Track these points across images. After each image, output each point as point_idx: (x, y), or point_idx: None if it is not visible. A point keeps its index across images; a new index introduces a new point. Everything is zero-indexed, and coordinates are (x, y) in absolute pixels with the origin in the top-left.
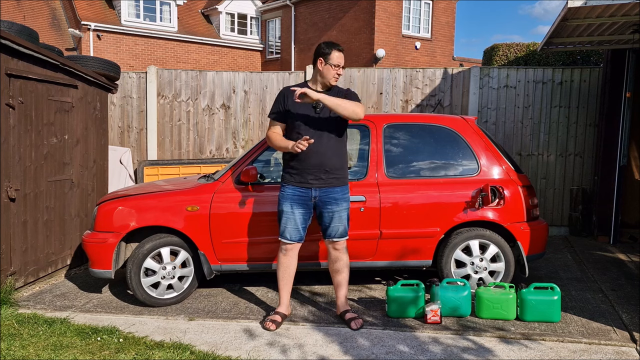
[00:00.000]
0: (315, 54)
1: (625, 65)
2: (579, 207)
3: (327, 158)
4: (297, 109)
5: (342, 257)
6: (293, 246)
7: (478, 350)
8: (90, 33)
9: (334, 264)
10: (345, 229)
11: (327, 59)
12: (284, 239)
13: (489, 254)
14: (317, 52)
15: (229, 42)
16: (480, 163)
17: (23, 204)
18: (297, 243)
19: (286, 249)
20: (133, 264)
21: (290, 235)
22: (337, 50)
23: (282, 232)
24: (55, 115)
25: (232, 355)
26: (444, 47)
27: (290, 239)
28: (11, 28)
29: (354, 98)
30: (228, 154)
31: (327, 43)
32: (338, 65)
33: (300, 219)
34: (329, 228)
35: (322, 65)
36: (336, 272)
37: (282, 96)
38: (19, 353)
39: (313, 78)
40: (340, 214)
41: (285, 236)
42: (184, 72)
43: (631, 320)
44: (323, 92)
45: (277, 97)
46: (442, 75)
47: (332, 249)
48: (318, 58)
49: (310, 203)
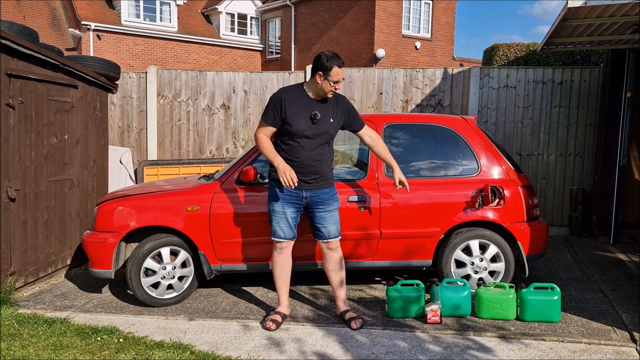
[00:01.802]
0: (315, 65)
1: (625, 65)
2: (579, 207)
3: (320, 164)
4: (294, 116)
5: (335, 257)
6: (288, 244)
7: (478, 350)
8: (90, 33)
9: (328, 264)
10: (337, 228)
11: (326, 75)
12: (278, 238)
13: (489, 254)
14: (317, 63)
15: (229, 42)
16: (480, 163)
17: (23, 204)
18: (291, 241)
19: (281, 247)
20: (133, 264)
21: (284, 233)
22: (337, 67)
23: (274, 232)
24: (55, 115)
25: (232, 355)
26: (444, 47)
27: (284, 237)
28: (11, 28)
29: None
30: (228, 154)
31: (328, 56)
32: (337, 81)
33: (292, 217)
34: (322, 229)
35: (321, 79)
36: (332, 271)
37: (279, 102)
38: (19, 353)
39: (310, 84)
40: (332, 214)
41: (279, 235)
42: (184, 72)
43: (631, 320)
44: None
45: (273, 101)
46: (442, 75)
47: (326, 249)
48: (317, 71)
49: (301, 203)
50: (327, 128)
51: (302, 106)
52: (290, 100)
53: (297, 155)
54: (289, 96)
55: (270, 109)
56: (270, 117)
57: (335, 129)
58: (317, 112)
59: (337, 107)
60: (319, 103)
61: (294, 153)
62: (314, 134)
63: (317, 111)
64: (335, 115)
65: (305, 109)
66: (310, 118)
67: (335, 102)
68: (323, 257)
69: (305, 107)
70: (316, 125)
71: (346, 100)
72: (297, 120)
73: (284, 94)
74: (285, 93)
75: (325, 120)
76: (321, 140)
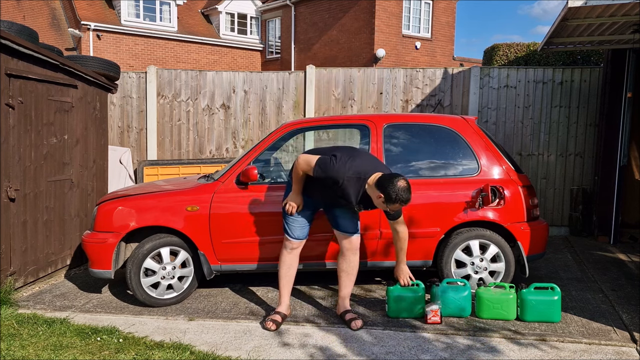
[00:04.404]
0: (382, 185)
1: (625, 65)
2: (579, 207)
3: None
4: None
5: (353, 259)
6: (299, 244)
7: (478, 350)
8: (90, 33)
9: (343, 264)
10: (356, 224)
11: (387, 203)
12: (291, 238)
13: (489, 254)
14: (385, 185)
15: (229, 42)
16: (480, 163)
17: (23, 204)
18: (303, 241)
19: (292, 247)
20: (133, 264)
21: (297, 233)
22: (399, 204)
23: (291, 231)
24: (55, 115)
25: (232, 355)
26: (444, 47)
27: (296, 237)
28: (11, 28)
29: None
30: (228, 154)
31: (399, 189)
32: (392, 211)
33: (307, 218)
34: (339, 224)
35: (379, 200)
36: (345, 272)
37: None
38: (18, 353)
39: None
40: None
41: (292, 235)
42: (184, 72)
43: (631, 321)
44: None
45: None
46: (442, 75)
47: (345, 247)
48: (381, 192)
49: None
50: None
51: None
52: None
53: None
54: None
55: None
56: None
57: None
58: (362, 206)
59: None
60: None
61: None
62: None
63: (362, 205)
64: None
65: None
66: (353, 207)
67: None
68: (340, 255)
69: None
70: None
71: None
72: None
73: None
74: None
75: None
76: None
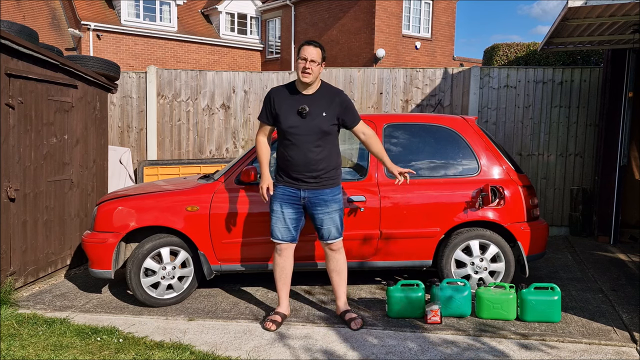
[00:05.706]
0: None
1: (625, 65)
2: (579, 207)
3: (317, 163)
4: (284, 113)
5: (338, 257)
6: (287, 246)
7: (478, 350)
8: (90, 33)
9: (330, 264)
10: (338, 230)
11: (298, 55)
12: (275, 239)
13: (489, 254)
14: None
15: (229, 42)
16: (480, 163)
17: (23, 204)
18: (290, 243)
19: (280, 249)
20: (133, 264)
21: (281, 234)
22: (306, 44)
23: (272, 232)
24: (55, 115)
25: (232, 356)
26: (444, 47)
27: (281, 238)
28: (11, 28)
29: (351, 107)
30: (228, 154)
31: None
32: (305, 58)
33: (290, 218)
34: (321, 230)
35: (297, 62)
36: (334, 272)
37: (269, 99)
38: (18, 353)
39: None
40: (331, 216)
41: (276, 236)
42: (184, 72)
43: (631, 321)
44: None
45: (265, 100)
46: (442, 75)
47: (328, 250)
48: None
49: (299, 203)
50: (318, 123)
51: (292, 101)
52: (279, 96)
53: (291, 154)
54: (279, 92)
55: (263, 107)
56: (263, 114)
57: (330, 124)
58: (306, 107)
59: (331, 101)
60: (310, 97)
61: (288, 151)
62: (306, 129)
63: (305, 105)
64: (328, 109)
65: (295, 104)
66: (298, 112)
67: (330, 96)
68: (325, 257)
69: (294, 102)
70: (306, 120)
71: (343, 95)
72: (286, 116)
73: (274, 90)
74: (275, 90)
75: (316, 114)
76: (315, 137)
